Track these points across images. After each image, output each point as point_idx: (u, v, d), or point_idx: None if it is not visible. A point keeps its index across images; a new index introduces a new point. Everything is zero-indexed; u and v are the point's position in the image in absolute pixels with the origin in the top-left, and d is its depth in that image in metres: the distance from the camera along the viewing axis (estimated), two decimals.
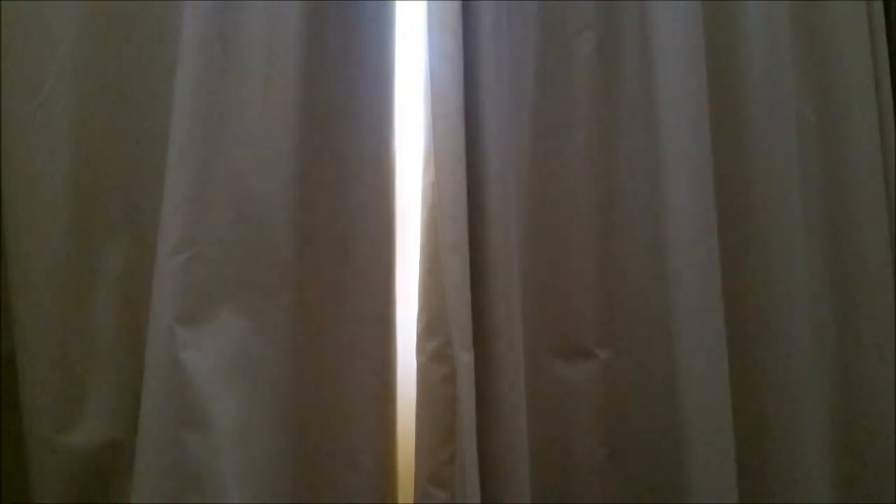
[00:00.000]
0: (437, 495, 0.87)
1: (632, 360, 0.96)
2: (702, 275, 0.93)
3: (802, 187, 1.03)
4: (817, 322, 1.02)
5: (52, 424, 0.86)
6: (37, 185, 0.86)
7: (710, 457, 0.91)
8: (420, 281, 0.90)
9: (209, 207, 0.82)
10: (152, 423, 0.79)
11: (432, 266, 0.89)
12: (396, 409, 0.92)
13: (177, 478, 0.78)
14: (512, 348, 0.88)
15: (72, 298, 0.87)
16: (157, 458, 0.78)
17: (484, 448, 0.85)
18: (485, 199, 0.87)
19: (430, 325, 0.88)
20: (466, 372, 0.82)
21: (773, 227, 1.00)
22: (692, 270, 0.93)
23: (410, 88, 0.97)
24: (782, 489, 0.98)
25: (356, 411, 0.88)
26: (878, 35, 1.11)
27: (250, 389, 0.82)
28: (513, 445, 0.87)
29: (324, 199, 0.90)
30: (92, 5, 0.89)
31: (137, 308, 0.86)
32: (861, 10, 1.09)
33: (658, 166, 0.95)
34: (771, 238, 1.00)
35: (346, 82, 0.91)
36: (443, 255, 0.85)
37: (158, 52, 0.90)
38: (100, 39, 0.89)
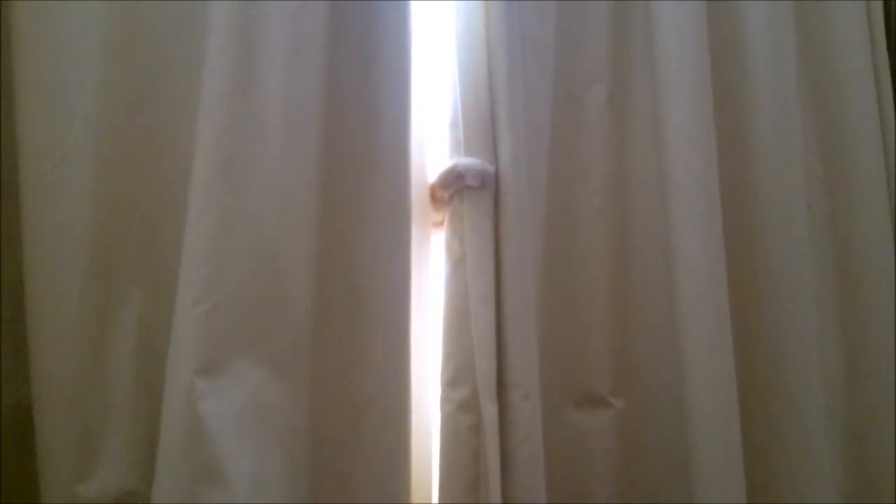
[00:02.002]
0: None
1: (646, 409, 0.97)
2: (713, 325, 0.94)
3: (811, 237, 1.04)
4: (828, 372, 1.03)
5: (68, 474, 0.84)
6: (56, 236, 0.86)
7: None
8: (445, 331, 0.91)
9: (229, 258, 0.82)
10: (169, 475, 0.78)
11: (458, 317, 0.90)
12: (411, 461, 0.91)
13: None
14: (528, 398, 0.88)
15: (89, 348, 0.86)
16: None
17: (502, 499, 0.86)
18: (504, 251, 0.89)
19: (458, 374, 0.89)
20: (491, 422, 0.84)
21: (782, 276, 1.01)
22: (703, 321, 0.94)
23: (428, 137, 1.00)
24: None
25: (371, 464, 0.88)
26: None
27: (266, 442, 0.82)
28: (530, 497, 0.87)
29: (340, 248, 0.91)
30: (111, 59, 0.90)
31: (155, 358, 0.86)
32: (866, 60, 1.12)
33: (668, 217, 0.97)
34: (781, 287, 1.01)
35: (363, 135, 0.92)
36: (472, 306, 0.87)
37: (178, 105, 0.91)
38: (120, 92, 0.90)
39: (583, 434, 0.97)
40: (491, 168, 0.92)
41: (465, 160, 0.93)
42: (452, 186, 0.94)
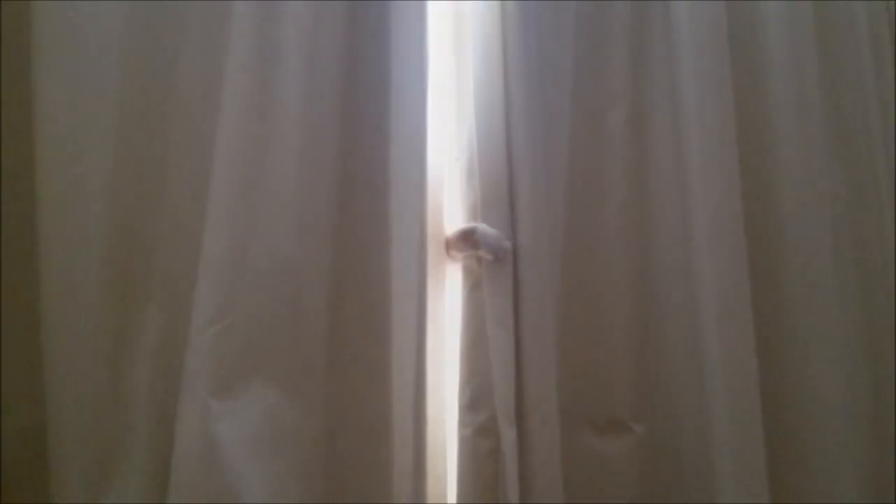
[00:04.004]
0: None
1: (668, 434, 0.95)
2: (736, 349, 0.92)
3: (834, 257, 1.02)
4: (854, 398, 1.00)
5: (81, 497, 0.83)
6: (73, 255, 0.85)
7: None
8: (463, 355, 0.90)
9: (244, 277, 0.82)
10: (183, 497, 0.77)
11: (476, 340, 0.89)
12: (427, 483, 0.89)
13: None
14: (547, 423, 0.87)
15: (104, 369, 0.85)
16: None
17: None
18: (522, 274, 0.88)
19: (476, 398, 0.88)
20: (510, 447, 0.83)
21: (805, 298, 1.00)
22: (727, 344, 0.92)
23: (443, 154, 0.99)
24: None
25: (387, 487, 0.86)
26: None
27: (281, 463, 0.81)
28: None
29: (356, 266, 0.90)
30: (130, 78, 0.90)
31: (170, 379, 0.85)
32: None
33: (690, 238, 0.96)
34: (804, 310, 1.00)
35: (380, 152, 0.92)
36: (489, 329, 0.86)
37: (196, 125, 0.90)
38: (138, 111, 0.90)
39: (603, 460, 0.95)
40: (508, 244, 0.91)
41: (483, 228, 0.92)
42: (465, 252, 0.93)
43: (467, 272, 0.94)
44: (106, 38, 0.89)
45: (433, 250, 0.96)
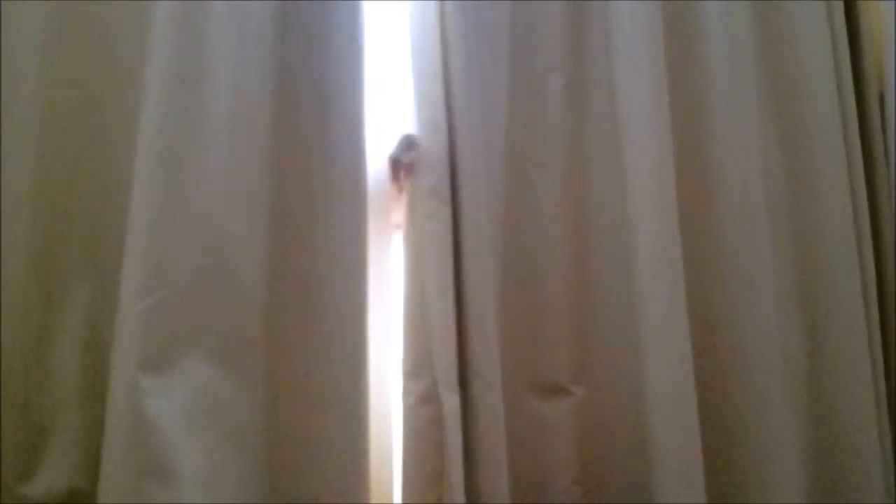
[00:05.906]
0: None
1: (606, 396, 0.96)
2: (669, 309, 0.94)
3: (770, 221, 1.04)
4: (787, 354, 1.03)
5: (11, 474, 0.82)
6: None
7: (682, 493, 0.90)
8: (405, 324, 0.90)
9: (173, 251, 0.80)
10: (114, 474, 0.76)
11: (417, 309, 0.89)
12: (370, 455, 0.89)
13: None
14: (490, 388, 0.88)
15: (33, 345, 0.84)
16: None
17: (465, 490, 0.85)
18: (462, 241, 0.88)
19: (417, 366, 0.88)
20: (453, 414, 0.83)
21: (740, 262, 1.01)
22: (661, 306, 0.93)
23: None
24: None
25: (328, 458, 0.86)
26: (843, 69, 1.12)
27: (218, 438, 0.80)
28: (492, 486, 0.86)
29: (295, 240, 0.89)
30: (54, 49, 0.88)
31: (100, 354, 0.83)
32: (825, 35, 1.12)
33: (625, 204, 0.96)
34: (738, 272, 1.01)
35: (316, 123, 0.90)
36: (429, 297, 0.86)
37: (122, 95, 0.88)
38: (62, 82, 0.88)
39: (544, 422, 0.96)
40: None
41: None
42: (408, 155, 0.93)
43: (408, 240, 0.93)
44: (25, 14, 0.87)
45: (377, 221, 0.95)
